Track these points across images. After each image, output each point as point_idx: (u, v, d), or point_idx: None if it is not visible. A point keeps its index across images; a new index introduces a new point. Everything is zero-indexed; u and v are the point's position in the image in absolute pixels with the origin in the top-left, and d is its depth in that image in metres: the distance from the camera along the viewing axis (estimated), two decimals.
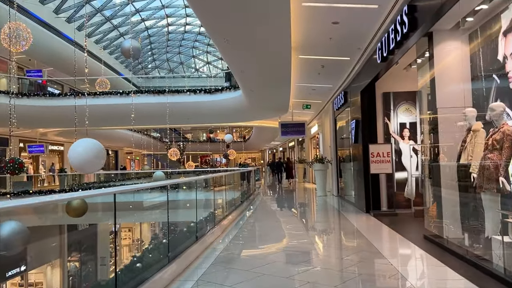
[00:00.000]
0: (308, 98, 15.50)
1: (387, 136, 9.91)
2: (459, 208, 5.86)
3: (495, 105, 4.90)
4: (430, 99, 6.55)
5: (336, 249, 6.97)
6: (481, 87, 6.03)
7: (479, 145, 5.52)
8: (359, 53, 9.23)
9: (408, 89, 9.80)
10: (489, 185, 4.84)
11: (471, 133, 5.64)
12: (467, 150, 5.64)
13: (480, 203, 5.64)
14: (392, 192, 9.72)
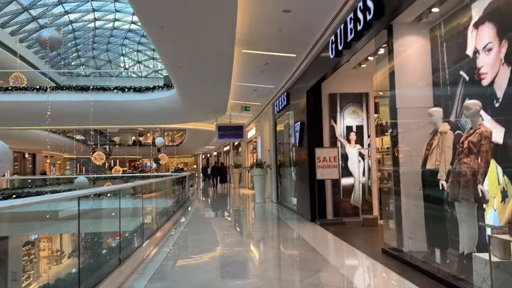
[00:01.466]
0: (248, 99, 14.69)
1: (333, 139, 9.34)
2: (424, 219, 5.27)
3: (471, 103, 4.35)
4: (389, 99, 5.96)
5: (287, 266, 6.12)
6: (446, 85, 5.53)
7: (448, 149, 4.97)
8: (307, 50, 8.56)
9: (356, 90, 9.32)
10: (465, 194, 4.26)
11: (438, 136, 5.09)
12: (434, 155, 5.07)
13: (450, 214, 5.09)
14: (339, 199, 9.15)
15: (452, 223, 4.99)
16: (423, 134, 5.67)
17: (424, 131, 5.65)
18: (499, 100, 4.41)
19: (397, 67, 5.84)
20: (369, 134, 9.31)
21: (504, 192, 4.40)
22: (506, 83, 4.30)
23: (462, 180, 4.29)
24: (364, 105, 9.33)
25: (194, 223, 11.14)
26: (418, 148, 5.66)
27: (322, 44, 7.71)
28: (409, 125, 5.84)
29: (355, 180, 9.30)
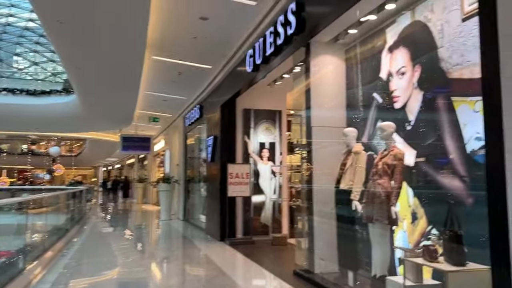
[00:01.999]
0: (157, 110, 13.95)
1: (246, 155, 9.13)
2: (337, 239, 5.20)
3: (386, 125, 4.38)
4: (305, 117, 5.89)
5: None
6: (359, 106, 5.60)
7: (361, 169, 4.98)
8: (223, 62, 8.28)
9: (270, 108, 9.25)
10: (380, 216, 4.23)
11: (351, 156, 5.08)
12: (348, 174, 5.05)
13: (363, 235, 5.07)
14: (249, 217, 8.91)
15: (364, 245, 4.97)
16: (337, 153, 5.66)
17: (338, 150, 5.64)
18: (411, 123, 4.51)
19: (313, 85, 5.80)
20: (281, 152, 9.28)
21: (414, 214, 4.48)
22: (418, 107, 4.41)
23: (376, 202, 4.27)
24: (277, 122, 9.30)
25: (90, 242, 10.05)
26: (331, 167, 5.62)
27: (239, 57, 7.49)
28: (323, 144, 5.80)
29: (266, 197, 9.16)
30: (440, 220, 4.07)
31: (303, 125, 6.13)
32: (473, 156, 3.67)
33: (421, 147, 4.37)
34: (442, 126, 4.06)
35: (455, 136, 3.88)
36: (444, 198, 4.02)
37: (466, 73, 3.77)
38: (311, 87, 5.79)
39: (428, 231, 4.24)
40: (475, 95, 3.67)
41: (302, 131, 6.34)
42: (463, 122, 3.81)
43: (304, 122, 5.91)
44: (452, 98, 3.94)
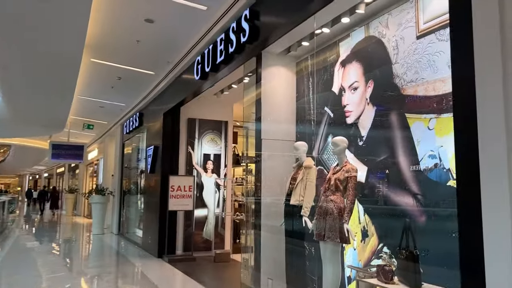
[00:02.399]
0: (93, 116, 13.10)
1: (189, 167, 8.73)
2: (286, 257, 5.00)
3: (339, 139, 4.28)
4: (255, 129, 5.69)
5: None
6: (310, 119, 5.50)
7: (311, 184, 4.85)
8: (168, 68, 7.89)
9: (215, 118, 8.96)
10: (331, 233, 4.09)
11: (302, 170, 4.93)
12: (298, 189, 4.89)
13: (311, 252, 4.91)
14: (190, 232, 8.48)
15: (314, 263, 4.81)
16: (286, 167, 5.50)
17: (288, 164, 5.49)
18: (363, 138, 4.44)
19: (263, 97, 5.62)
20: (226, 164, 8.99)
21: (365, 232, 4.40)
22: (370, 122, 4.36)
23: (328, 218, 4.12)
24: (223, 133, 9.03)
25: (10, 258, 9.03)
26: (281, 181, 5.45)
27: (186, 64, 7.15)
28: (272, 157, 5.62)
29: (209, 211, 8.80)
30: (391, 238, 4.02)
31: (252, 137, 5.92)
32: (426, 173, 3.65)
33: (373, 163, 4.32)
34: (395, 143, 4.03)
35: (409, 153, 3.85)
36: (396, 215, 3.97)
37: (420, 90, 3.77)
38: (262, 99, 5.61)
39: (379, 249, 4.17)
40: (429, 113, 3.66)
41: (251, 143, 6.13)
42: (417, 139, 3.79)
43: (253, 134, 5.70)
44: (406, 114, 3.92)
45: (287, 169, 5.43)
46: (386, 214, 4.14)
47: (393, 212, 4.00)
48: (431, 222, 3.51)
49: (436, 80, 3.59)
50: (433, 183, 3.57)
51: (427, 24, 3.72)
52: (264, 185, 5.50)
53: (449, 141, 3.45)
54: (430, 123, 3.65)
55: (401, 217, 3.86)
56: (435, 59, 3.61)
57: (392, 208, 4.00)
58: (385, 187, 4.13)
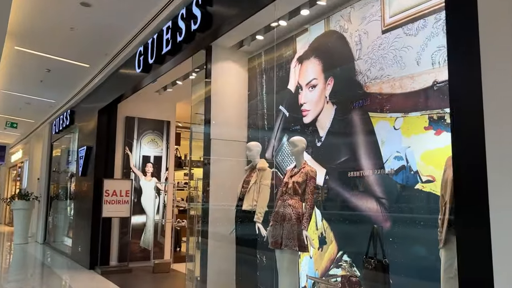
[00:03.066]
0: (17, 114, 11.81)
1: (126, 170, 8.02)
2: (236, 266, 4.58)
3: (298, 140, 3.96)
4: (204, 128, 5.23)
5: None
6: (263, 119, 5.15)
7: (266, 188, 4.48)
8: (105, 60, 7.18)
9: (157, 117, 8.34)
10: (289, 241, 3.74)
11: (256, 172, 4.56)
12: (251, 193, 4.50)
13: (267, 262, 4.54)
14: (127, 241, 7.77)
15: (268, 273, 4.44)
16: (238, 170, 5.11)
17: (239, 166, 5.10)
18: (322, 139, 4.17)
19: (213, 94, 5.20)
20: (167, 167, 8.39)
21: (322, 238, 4.11)
22: (329, 122, 4.09)
23: (286, 225, 3.77)
24: (164, 134, 8.42)
25: None
26: (232, 185, 5.04)
27: (126, 55, 6.51)
28: (222, 159, 5.19)
29: (147, 218, 8.13)
30: (352, 246, 3.75)
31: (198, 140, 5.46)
32: (391, 176, 3.42)
33: (332, 166, 4.05)
34: (357, 144, 3.79)
35: (373, 154, 3.61)
36: (357, 221, 3.71)
37: (385, 88, 3.55)
38: (212, 96, 5.18)
39: (339, 258, 3.89)
40: (396, 112, 3.45)
41: (197, 146, 5.66)
42: (381, 140, 3.56)
43: (200, 136, 5.24)
44: (370, 113, 3.69)
45: (239, 172, 5.04)
46: (346, 220, 3.88)
47: (354, 217, 3.74)
48: (397, 228, 3.28)
49: (403, 77, 3.39)
50: (399, 186, 3.35)
51: (393, 18, 3.51)
52: (213, 190, 5.06)
53: (417, 141, 3.24)
54: (396, 123, 3.44)
55: (363, 223, 3.62)
56: (402, 55, 3.41)
57: (353, 214, 3.74)
58: (346, 191, 3.86)
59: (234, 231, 4.66)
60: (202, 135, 5.19)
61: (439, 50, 3.11)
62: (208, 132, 5.14)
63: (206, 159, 5.15)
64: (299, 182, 3.85)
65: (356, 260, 3.69)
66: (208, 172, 5.09)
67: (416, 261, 3.03)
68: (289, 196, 3.88)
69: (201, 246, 5.04)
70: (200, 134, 5.61)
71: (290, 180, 3.92)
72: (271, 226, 4.01)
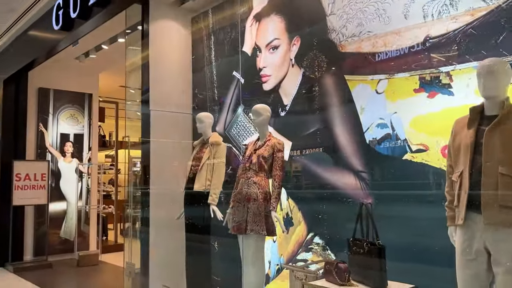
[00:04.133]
0: None
1: (42, 150, 6.87)
2: (186, 257, 3.95)
3: (261, 108, 3.39)
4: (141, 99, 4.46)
5: None
6: (213, 87, 4.51)
7: (221, 165, 3.89)
8: (10, 19, 5.95)
9: (77, 89, 7.22)
10: (256, 224, 3.21)
11: (208, 148, 3.93)
12: (204, 172, 3.87)
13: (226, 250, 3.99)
14: (44, 232, 6.69)
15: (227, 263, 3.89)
16: (183, 146, 4.45)
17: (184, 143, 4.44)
18: (286, 108, 3.66)
19: (152, 58, 4.45)
20: (90, 146, 7.35)
21: (289, 219, 3.64)
22: (296, 88, 3.59)
23: (252, 206, 3.23)
24: (86, 109, 7.34)
25: None
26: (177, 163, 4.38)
27: (38, 12, 5.40)
28: (164, 134, 4.48)
29: (68, 205, 7.09)
30: (324, 227, 3.34)
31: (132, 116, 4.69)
32: (373, 146, 3.02)
33: (300, 137, 3.57)
34: (330, 112, 3.33)
35: (350, 123, 3.18)
36: (331, 198, 3.29)
37: (365, 47, 3.11)
38: (150, 61, 4.42)
39: (309, 240, 3.46)
40: (378, 73, 3.03)
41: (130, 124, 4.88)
42: (360, 106, 3.13)
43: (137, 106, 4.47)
44: (346, 76, 3.23)
45: (184, 149, 4.38)
46: (317, 199, 3.43)
47: (327, 196, 3.31)
48: (382, 206, 2.89)
49: (388, 33, 2.97)
50: (382, 157, 2.96)
51: None
52: (154, 170, 4.34)
53: (405, 106, 2.86)
54: (379, 86, 3.02)
55: (338, 201, 3.20)
56: (385, 8, 2.98)
57: (326, 192, 3.31)
58: (316, 166, 3.41)
59: (182, 216, 4.01)
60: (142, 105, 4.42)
61: (432, 1, 2.73)
62: (146, 103, 4.39)
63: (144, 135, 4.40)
64: (265, 156, 3.31)
65: (331, 243, 3.28)
66: (148, 151, 4.35)
67: (409, 243, 2.68)
68: (253, 173, 3.32)
69: (141, 235, 4.32)
70: (133, 107, 4.85)
71: (254, 155, 3.37)
72: (231, 208, 3.44)
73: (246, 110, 4.08)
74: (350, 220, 2.78)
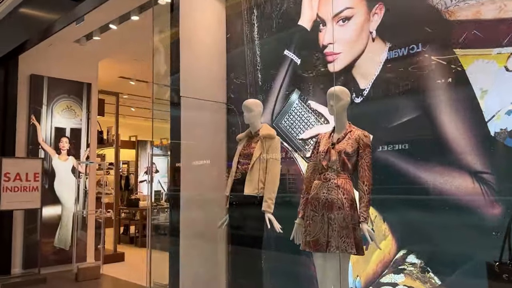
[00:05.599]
0: None
1: (33, 146, 5.95)
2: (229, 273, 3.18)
3: (341, 91, 2.66)
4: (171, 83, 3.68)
5: None
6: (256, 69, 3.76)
7: (276, 164, 3.15)
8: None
9: (74, 78, 6.33)
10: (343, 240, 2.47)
11: (259, 142, 3.18)
12: (256, 172, 3.12)
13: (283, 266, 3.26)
14: (35, 240, 5.78)
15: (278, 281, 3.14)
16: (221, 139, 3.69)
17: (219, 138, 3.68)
18: (364, 93, 2.94)
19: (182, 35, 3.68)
20: (88, 143, 6.47)
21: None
22: (378, 67, 2.87)
23: (336, 217, 2.50)
24: (84, 101, 6.45)
25: None
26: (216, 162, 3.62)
27: None
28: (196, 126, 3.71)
29: (63, 209, 6.19)
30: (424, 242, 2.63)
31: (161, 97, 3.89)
32: (502, 139, 2.33)
33: (383, 130, 2.86)
34: (432, 96, 2.63)
35: (465, 110, 2.49)
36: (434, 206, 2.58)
37: (487, 12, 2.42)
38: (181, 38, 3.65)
39: (399, 259, 2.74)
40: (509, 45, 2.34)
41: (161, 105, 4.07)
42: (480, 88, 2.44)
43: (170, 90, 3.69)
44: (456, 51, 2.54)
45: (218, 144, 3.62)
46: (411, 206, 2.72)
47: (428, 202, 2.60)
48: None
49: None
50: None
51: None
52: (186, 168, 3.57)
53: None
54: (509, 62, 2.34)
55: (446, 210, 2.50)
56: None
57: (426, 198, 2.60)
58: (411, 164, 2.70)
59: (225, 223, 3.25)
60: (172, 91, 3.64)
61: None
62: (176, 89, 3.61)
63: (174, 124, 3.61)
64: (348, 152, 2.59)
65: (433, 263, 2.57)
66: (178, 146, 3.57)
67: None
68: (334, 174, 2.59)
69: (172, 249, 3.53)
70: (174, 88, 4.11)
71: (333, 150, 2.63)
72: (303, 218, 2.71)
73: (303, 97, 3.34)
74: (464, 235, 2.10)
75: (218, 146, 3.81)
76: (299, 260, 3.04)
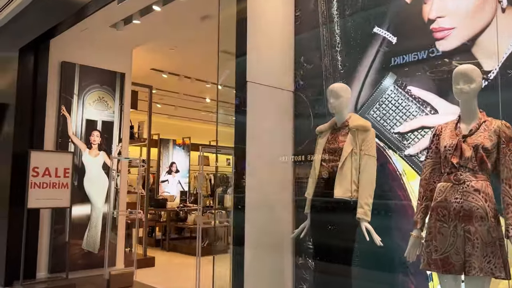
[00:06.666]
0: None
1: (63, 139, 5.47)
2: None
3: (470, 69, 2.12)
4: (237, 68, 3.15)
5: None
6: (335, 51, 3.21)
7: (372, 161, 2.60)
8: None
9: (108, 67, 5.84)
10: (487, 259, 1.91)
11: (350, 135, 2.63)
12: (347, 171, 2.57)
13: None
14: (63, 242, 5.30)
15: None
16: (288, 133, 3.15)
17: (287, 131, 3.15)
18: (489, 76, 2.38)
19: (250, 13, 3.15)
20: (121, 137, 5.98)
21: None
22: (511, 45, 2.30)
23: (478, 229, 1.94)
24: (117, 92, 5.97)
25: None
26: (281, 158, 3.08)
27: None
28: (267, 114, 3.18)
29: (93, 208, 5.70)
30: None
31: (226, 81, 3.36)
32: None
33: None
34: None
35: None
36: None
37: None
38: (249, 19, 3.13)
39: None
40: None
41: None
42: None
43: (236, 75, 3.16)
44: None
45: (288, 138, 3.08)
46: None
47: None
48: None
49: None
50: None
51: None
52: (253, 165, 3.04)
53: None
54: None
55: None
56: None
57: None
58: None
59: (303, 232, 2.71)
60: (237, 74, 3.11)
61: None
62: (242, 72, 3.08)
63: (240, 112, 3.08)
64: (486, 147, 2.03)
65: None
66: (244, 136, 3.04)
67: None
68: (470, 175, 2.03)
69: (235, 257, 2.99)
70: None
71: (464, 145, 2.07)
72: (424, 229, 2.15)
73: (401, 82, 2.79)
74: None
75: (286, 140, 3.28)
76: (395, 280, 2.48)
